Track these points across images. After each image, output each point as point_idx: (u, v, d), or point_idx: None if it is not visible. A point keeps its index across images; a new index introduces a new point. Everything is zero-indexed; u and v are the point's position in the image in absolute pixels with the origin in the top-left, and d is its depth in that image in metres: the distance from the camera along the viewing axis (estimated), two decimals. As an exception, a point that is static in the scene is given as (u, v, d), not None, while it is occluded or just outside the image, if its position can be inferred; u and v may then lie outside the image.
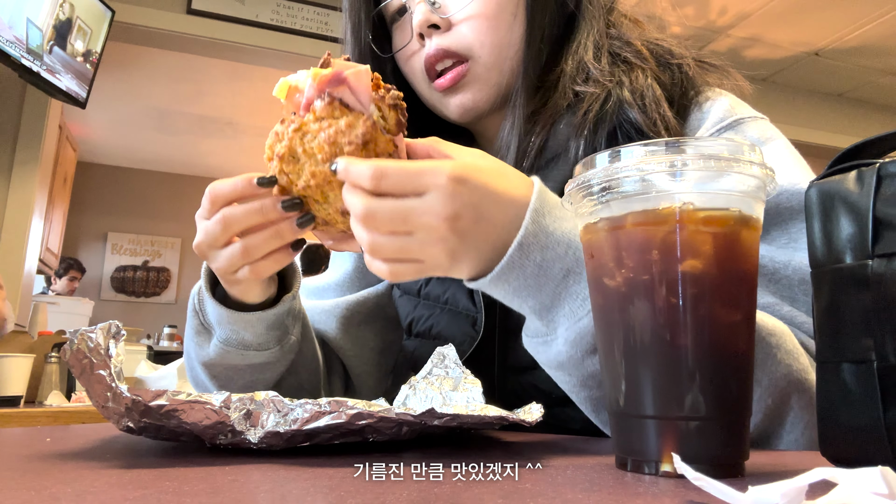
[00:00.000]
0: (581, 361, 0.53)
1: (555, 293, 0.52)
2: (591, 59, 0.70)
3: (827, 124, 5.04)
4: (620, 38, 0.73)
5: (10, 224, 3.56)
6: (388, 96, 0.54)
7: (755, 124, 0.68)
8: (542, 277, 0.52)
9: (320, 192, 0.54)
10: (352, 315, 0.84)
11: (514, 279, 0.52)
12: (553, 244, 0.51)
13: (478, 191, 0.49)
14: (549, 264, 0.51)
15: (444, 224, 0.48)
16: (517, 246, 0.50)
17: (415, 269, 0.51)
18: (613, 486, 0.33)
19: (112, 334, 0.44)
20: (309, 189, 0.54)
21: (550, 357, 0.55)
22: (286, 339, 0.70)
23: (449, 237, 0.49)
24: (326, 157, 0.53)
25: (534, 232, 0.51)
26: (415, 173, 0.49)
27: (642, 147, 0.38)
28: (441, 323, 0.76)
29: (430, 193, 0.48)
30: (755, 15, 4.09)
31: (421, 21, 0.71)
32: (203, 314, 0.68)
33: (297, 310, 0.72)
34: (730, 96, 0.72)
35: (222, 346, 0.67)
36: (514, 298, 0.53)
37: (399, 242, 0.49)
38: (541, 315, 0.54)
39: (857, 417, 0.36)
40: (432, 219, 0.48)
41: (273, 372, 0.71)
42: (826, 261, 0.39)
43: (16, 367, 2.05)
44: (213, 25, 3.63)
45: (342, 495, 0.30)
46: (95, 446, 0.46)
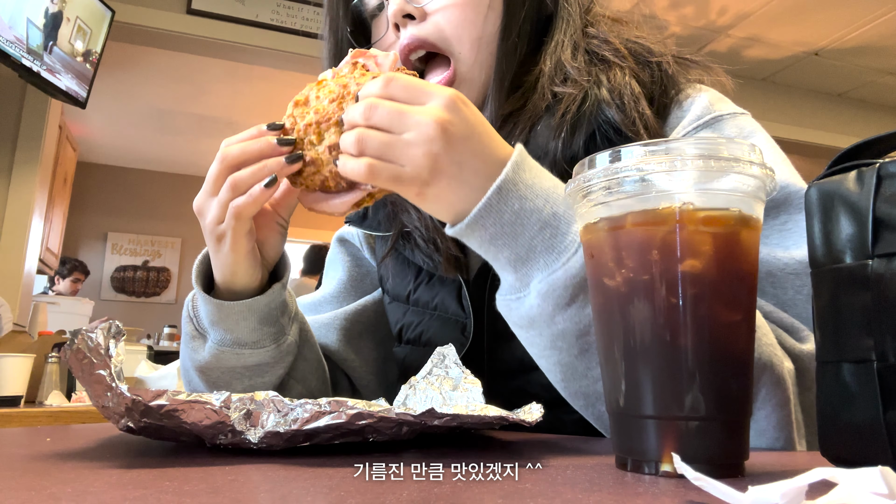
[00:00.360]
0: (552, 317, 0.53)
1: (530, 245, 0.53)
2: (568, 59, 0.70)
3: (827, 124, 5.04)
4: (598, 37, 0.72)
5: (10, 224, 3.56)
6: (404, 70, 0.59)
7: (734, 121, 0.67)
8: (519, 227, 0.52)
9: (317, 132, 0.57)
10: (351, 325, 0.84)
11: (490, 225, 0.53)
12: (532, 196, 0.53)
13: (475, 116, 0.53)
14: (526, 214, 0.52)
15: (435, 125, 0.50)
16: (496, 189, 0.52)
17: (393, 172, 0.52)
18: (613, 486, 0.33)
19: (112, 334, 0.44)
20: (309, 128, 0.57)
21: (522, 314, 0.55)
22: (282, 338, 0.69)
23: (436, 139, 0.50)
24: (333, 97, 0.57)
25: (513, 180, 0.52)
26: (423, 85, 0.53)
27: (642, 147, 0.38)
28: (431, 330, 0.76)
29: (433, 102, 0.52)
30: (755, 15, 4.09)
31: (396, 10, 0.70)
32: (197, 319, 0.68)
33: (293, 310, 0.72)
34: (711, 93, 0.71)
35: (217, 347, 0.66)
36: (490, 247, 0.54)
37: (387, 138, 0.51)
38: (515, 267, 0.54)
39: (857, 417, 0.36)
40: (426, 118, 0.51)
41: (271, 375, 0.70)
42: (826, 261, 0.39)
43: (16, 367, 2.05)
44: (213, 25, 3.63)
45: (342, 495, 0.30)
46: (95, 446, 0.46)
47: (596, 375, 0.53)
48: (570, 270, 0.51)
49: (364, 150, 0.52)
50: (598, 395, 0.54)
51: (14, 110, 3.61)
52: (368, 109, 0.52)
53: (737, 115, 0.68)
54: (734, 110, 0.69)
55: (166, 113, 5.43)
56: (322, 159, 0.57)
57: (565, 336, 0.53)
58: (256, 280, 0.66)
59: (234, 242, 0.62)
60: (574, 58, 0.70)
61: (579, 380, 0.54)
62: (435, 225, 0.74)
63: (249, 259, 0.64)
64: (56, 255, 5.15)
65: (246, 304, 0.65)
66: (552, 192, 0.54)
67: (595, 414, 0.56)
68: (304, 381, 0.75)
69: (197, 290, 0.66)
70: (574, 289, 0.52)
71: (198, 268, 0.68)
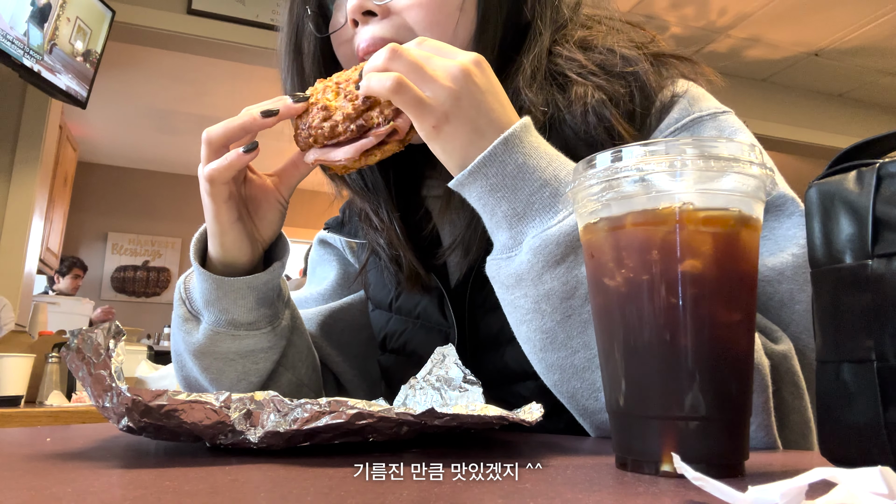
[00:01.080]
0: (540, 275, 0.53)
1: (528, 201, 0.53)
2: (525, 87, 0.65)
3: (827, 124, 5.04)
4: (563, 55, 0.68)
5: (10, 224, 3.57)
6: None
7: (714, 122, 0.64)
8: (520, 181, 0.53)
9: (335, 91, 0.58)
10: (334, 322, 0.83)
11: (493, 175, 0.53)
12: (536, 156, 0.54)
13: (495, 78, 0.55)
14: (529, 170, 0.53)
15: (461, 70, 0.52)
16: (503, 140, 0.53)
17: (419, 94, 0.52)
18: (613, 486, 0.33)
19: (112, 334, 0.44)
20: (328, 89, 0.59)
21: (511, 271, 0.55)
22: (277, 321, 0.68)
23: (461, 79, 0.52)
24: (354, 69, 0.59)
25: (520, 137, 0.54)
26: (451, 48, 0.55)
27: (642, 147, 0.38)
28: (415, 339, 0.75)
29: (459, 57, 0.54)
30: (755, 15, 4.09)
31: (355, 6, 0.65)
32: (190, 301, 0.67)
33: (286, 295, 0.71)
34: (691, 91, 0.68)
35: (212, 328, 0.65)
36: (490, 199, 0.54)
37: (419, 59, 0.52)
38: (511, 223, 0.54)
39: (857, 417, 0.36)
40: (452, 62, 0.53)
41: (266, 361, 0.69)
42: (826, 261, 0.39)
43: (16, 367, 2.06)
44: (213, 25, 3.63)
45: (342, 495, 0.30)
46: (95, 446, 0.46)
47: (575, 346, 0.53)
48: (565, 228, 0.52)
49: (392, 64, 0.52)
50: (574, 370, 0.54)
51: (14, 110, 3.61)
52: (395, 51, 0.53)
53: (717, 116, 0.65)
54: (716, 109, 0.66)
55: (166, 113, 5.43)
56: (334, 105, 0.58)
57: (550, 298, 0.53)
58: (246, 254, 0.65)
59: (215, 210, 0.61)
60: (530, 87, 0.65)
61: (558, 350, 0.54)
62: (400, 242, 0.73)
63: (235, 229, 0.63)
64: (56, 255, 5.16)
65: (246, 280, 0.64)
66: (556, 157, 0.55)
67: (568, 392, 0.55)
68: (293, 369, 0.74)
69: (195, 265, 0.65)
70: (566, 247, 0.52)
71: (195, 245, 0.66)
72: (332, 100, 0.58)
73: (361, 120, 0.57)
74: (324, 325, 0.82)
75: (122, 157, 6.46)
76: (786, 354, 0.55)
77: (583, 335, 0.53)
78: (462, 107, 0.52)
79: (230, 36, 3.64)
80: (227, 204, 0.61)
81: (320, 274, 0.90)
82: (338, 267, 0.88)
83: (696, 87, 0.69)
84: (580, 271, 0.52)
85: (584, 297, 0.52)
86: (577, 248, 0.52)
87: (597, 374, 0.53)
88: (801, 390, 0.55)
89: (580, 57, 0.68)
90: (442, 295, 0.72)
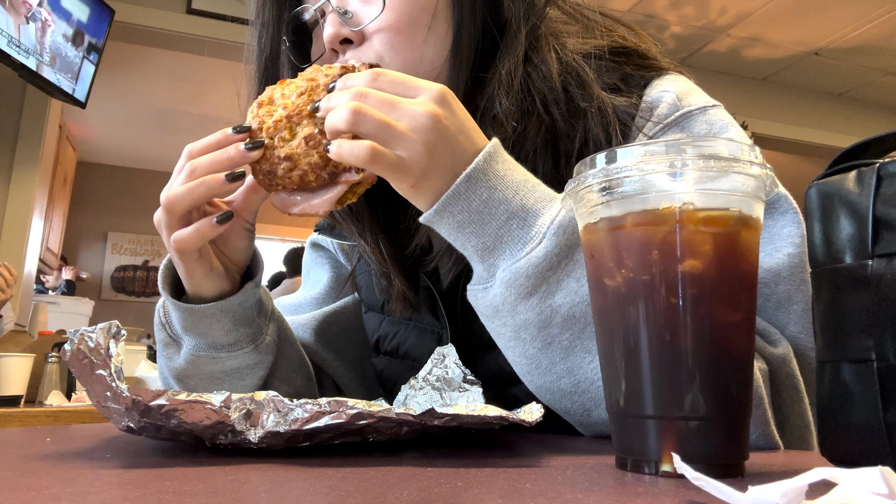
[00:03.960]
0: (514, 307, 0.53)
1: (497, 234, 0.53)
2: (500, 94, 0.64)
3: (827, 124, 5.04)
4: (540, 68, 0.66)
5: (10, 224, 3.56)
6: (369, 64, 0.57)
7: (704, 117, 0.63)
8: (486, 216, 0.53)
9: (288, 126, 0.55)
10: (329, 326, 0.82)
11: (458, 212, 0.53)
12: (501, 187, 0.53)
13: (463, 111, 0.54)
14: (494, 204, 0.53)
15: (430, 116, 0.50)
16: (465, 177, 0.52)
17: (395, 158, 0.51)
18: (613, 486, 0.33)
19: (112, 334, 0.44)
20: (279, 124, 0.55)
21: (487, 303, 0.55)
22: (259, 338, 0.67)
23: (431, 129, 0.50)
24: (301, 91, 0.55)
25: (484, 170, 0.52)
26: (411, 79, 0.53)
27: (642, 147, 0.38)
28: (408, 341, 0.74)
29: (423, 95, 0.52)
30: (755, 15, 4.09)
31: (331, 35, 0.65)
32: (170, 326, 0.66)
33: (269, 309, 0.70)
34: (679, 85, 0.66)
35: (192, 353, 0.64)
36: (459, 235, 0.54)
37: (384, 117, 0.50)
38: (482, 257, 0.54)
39: (857, 417, 0.36)
40: (420, 108, 0.51)
41: (252, 377, 0.68)
42: (826, 261, 0.39)
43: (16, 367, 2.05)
44: (213, 25, 3.63)
45: (342, 495, 0.30)
46: (95, 446, 0.46)
47: (559, 372, 0.53)
48: (533, 260, 0.52)
49: (358, 127, 0.50)
50: (563, 393, 0.54)
51: (14, 110, 3.61)
52: (357, 96, 0.50)
53: (707, 110, 0.64)
54: (705, 103, 0.65)
55: (166, 113, 5.42)
56: (298, 153, 0.55)
57: (527, 327, 0.53)
58: (227, 287, 0.64)
59: (186, 269, 0.60)
60: (507, 94, 0.64)
61: (543, 375, 0.54)
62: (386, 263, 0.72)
63: (210, 277, 0.62)
64: (56, 255, 5.16)
65: (218, 305, 0.62)
66: (523, 184, 0.54)
67: (562, 409, 0.55)
68: (289, 381, 0.73)
69: (165, 296, 0.64)
70: (536, 278, 0.52)
71: (163, 273, 0.65)
72: (289, 141, 0.55)
73: (331, 166, 0.55)
74: (319, 330, 0.82)
75: (122, 156, 6.46)
76: (784, 358, 0.55)
77: (565, 361, 0.53)
78: (436, 158, 0.51)
79: (230, 35, 3.64)
80: (199, 261, 0.60)
81: (314, 277, 0.90)
82: (330, 270, 0.88)
83: (684, 80, 0.68)
84: (554, 300, 0.52)
85: (561, 325, 0.52)
86: (548, 277, 0.52)
87: (585, 396, 0.53)
88: (801, 393, 0.55)
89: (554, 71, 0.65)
90: (434, 296, 0.71)
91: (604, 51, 0.68)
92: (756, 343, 0.55)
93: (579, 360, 0.52)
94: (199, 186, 0.56)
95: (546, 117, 0.65)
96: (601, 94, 0.65)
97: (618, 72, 0.68)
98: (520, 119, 0.64)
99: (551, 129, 0.65)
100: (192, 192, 0.56)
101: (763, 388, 0.52)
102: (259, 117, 0.56)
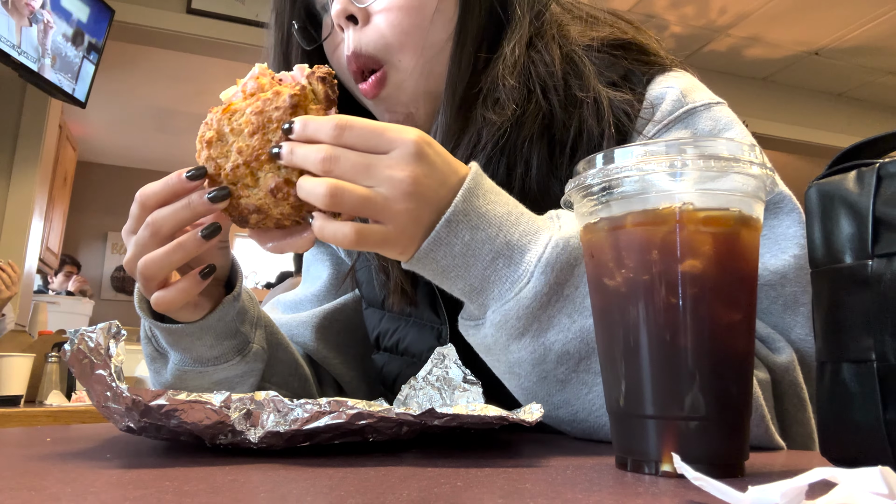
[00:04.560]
0: (506, 346, 0.52)
1: (483, 275, 0.51)
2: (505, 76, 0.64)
3: (827, 124, 5.04)
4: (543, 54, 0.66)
5: (10, 224, 3.56)
6: (317, 71, 0.51)
7: (708, 113, 0.63)
8: (471, 258, 0.51)
9: (249, 173, 0.51)
10: (330, 324, 0.82)
11: (441, 257, 0.51)
12: (484, 225, 0.51)
13: (440, 157, 0.50)
14: (477, 245, 0.51)
15: (410, 181, 0.47)
16: (445, 223, 0.50)
17: (381, 233, 0.49)
18: (613, 486, 0.33)
19: (112, 334, 0.44)
20: (238, 170, 0.51)
21: (479, 340, 0.55)
22: (246, 348, 0.65)
23: (413, 195, 0.48)
24: (254, 129, 0.50)
25: (464, 210, 0.50)
26: (381, 129, 0.48)
27: (642, 147, 0.38)
28: (408, 337, 0.74)
29: (397, 150, 0.48)
30: (755, 14, 4.09)
31: (338, 11, 0.65)
32: (155, 339, 0.64)
33: (255, 315, 0.68)
34: (683, 81, 0.66)
35: (178, 368, 0.63)
36: (444, 279, 0.52)
37: (363, 192, 0.47)
38: (471, 298, 0.53)
39: (857, 417, 0.36)
40: (398, 173, 0.47)
41: (243, 385, 0.67)
42: (826, 261, 0.39)
43: (16, 367, 2.05)
44: (213, 25, 3.63)
45: (342, 495, 0.30)
46: (95, 446, 0.46)
47: (557, 403, 0.53)
48: (522, 301, 0.50)
49: (338, 207, 0.48)
50: (562, 420, 0.54)
51: (14, 110, 3.61)
52: (328, 161, 0.47)
53: (711, 106, 0.64)
54: (709, 100, 0.65)
55: (166, 113, 5.43)
56: (267, 203, 0.51)
57: (521, 364, 0.53)
58: (207, 308, 0.61)
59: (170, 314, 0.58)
60: (511, 75, 0.64)
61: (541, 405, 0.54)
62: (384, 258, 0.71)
63: (188, 309, 0.59)
64: (56, 255, 5.16)
65: (196, 325, 0.60)
66: (506, 218, 0.51)
67: (564, 429, 0.55)
68: (286, 385, 0.72)
69: (143, 317, 0.61)
70: (527, 319, 0.51)
71: (139, 293, 0.61)
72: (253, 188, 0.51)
73: (306, 209, 0.52)
74: (320, 328, 0.81)
75: (122, 156, 6.46)
76: (788, 366, 0.54)
77: (562, 393, 0.52)
78: (421, 220, 0.49)
79: (230, 35, 3.64)
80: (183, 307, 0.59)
81: (314, 273, 0.89)
82: (331, 266, 0.87)
83: (688, 77, 0.68)
84: (547, 338, 0.51)
85: (556, 362, 0.51)
86: (539, 316, 0.51)
87: (585, 423, 0.53)
88: (805, 402, 0.54)
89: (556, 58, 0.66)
90: (433, 292, 0.71)
91: (604, 43, 0.68)
92: (759, 351, 0.54)
93: (576, 392, 0.52)
94: (176, 251, 0.52)
95: (544, 104, 0.64)
96: (598, 87, 0.65)
97: (619, 66, 0.68)
98: (520, 103, 0.64)
99: (548, 116, 0.65)
100: (171, 258, 0.52)
101: (762, 401, 0.50)
102: (213, 159, 0.52)
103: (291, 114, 0.50)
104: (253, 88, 0.51)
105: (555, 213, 0.55)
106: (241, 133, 0.50)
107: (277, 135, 0.50)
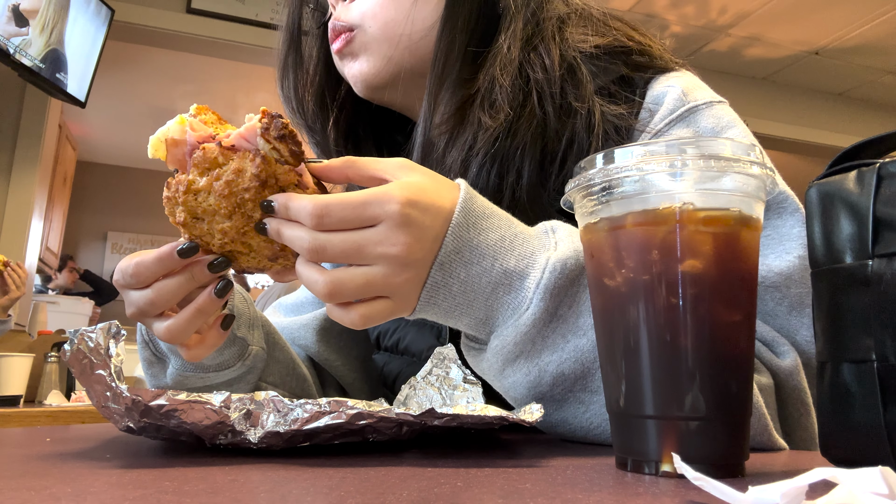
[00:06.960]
0: (500, 371, 0.52)
1: (486, 306, 0.51)
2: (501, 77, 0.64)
3: (827, 124, 5.04)
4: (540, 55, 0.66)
5: (10, 224, 3.57)
6: (272, 127, 0.47)
7: (710, 111, 0.63)
8: (470, 294, 0.50)
9: (241, 245, 0.50)
10: (331, 325, 0.81)
11: (442, 301, 0.50)
12: (477, 259, 0.50)
13: (428, 212, 0.48)
14: (474, 280, 0.50)
15: (404, 253, 0.47)
16: (438, 266, 0.49)
17: (387, 307, 0.49)
18: (613, 486, 0.33)
19: (112, 334, 0.44)
20: (227, 245, 0.50)
21: (476, 366, 0.55)
22: (246, 351, 0.66)
23: (409, 265, 0.47)
24: (229, 211, 0.48)
25: (455, 249, 0.49)
26: (360, 204, 0.46)
27: (642, 147, 0.38)
28: (408, 336, 0.74)
29: (383, 224, 0.47)
30: (755, 14, 4.09)
31: None
32: (153, 343, 0.64)
33: (251, 316, 0.68)
34: (685, 80, 0.66)
35: (179, 373, 0.63)
36: (449, 319, 0.52)
37: (361, 279, 0.47)
38: (478, 329, 0.53)
39: (857, 417, 0.36)
40: (390, 249, 0.47)
41: (242, 386, 0.67)
42: (826, 261, 0.39)
43: (16, 367, 2.06)
44: (213, 25, 3.63)
45: (342, 495, 0.30)
46: (95, 446, 0.46)
47: (555, 421, 0.53)
48: (521, 328, 0.50)
49: (343, 298, 0.48)
50: (561, 436, 0.54)
51: (14, 110, 3.61)
52: (314, 253, 0.47)
53: (713, 105, 0.64)
54: (711, 99, 0.65)
55: (166, 112, 5.40)
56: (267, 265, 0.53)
57: (517, 387, 0.53)
58: None
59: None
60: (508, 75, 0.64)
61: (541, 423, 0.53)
62: None
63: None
64: (56, 255, 5.16)
65: None
66: (499, 245, 0.50)
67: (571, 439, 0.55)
68: (283, 385, 0.72)
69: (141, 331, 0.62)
70: (521, 345, 0.51)
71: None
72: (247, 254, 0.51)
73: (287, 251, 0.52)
74: (321, 329, 0.81)
75: (122, 156, 6.46)
76: (791, 371, 0.54)
77: (559, 412, 0.52)
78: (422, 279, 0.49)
79: (230, 35, 3.64)
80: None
81: None
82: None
83: (690, 76, 0.68)
84: (541, 359, 0.51)
85: (551, 383, 0.51)
86: (534, 338, 0.50)
87: (584, 440, 0.53)
88: (808, 407, 0.54)
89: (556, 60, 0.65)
90: None
91: (603, 50, 0.68)
92: (763, 355, 0.54)
93: (573, 411, 0.52)
94: (198, 317, 0.52)
95: (539, 111, 0.64)
96: (593, 98, 0.65)
97: (615, 73, 0.67)
98: (515, 108, 0.64)
99: (542, 124, 0.64)
100: (194, 324, 0.53)
101: (761, 401, 0.50)
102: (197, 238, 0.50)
103: (261, 186, 0.48)
104: (199, 159, 0.48)
105: (549, 227, 0.54)
106: (217, 213, 0.49)
107: (256, 210, 0.48)
